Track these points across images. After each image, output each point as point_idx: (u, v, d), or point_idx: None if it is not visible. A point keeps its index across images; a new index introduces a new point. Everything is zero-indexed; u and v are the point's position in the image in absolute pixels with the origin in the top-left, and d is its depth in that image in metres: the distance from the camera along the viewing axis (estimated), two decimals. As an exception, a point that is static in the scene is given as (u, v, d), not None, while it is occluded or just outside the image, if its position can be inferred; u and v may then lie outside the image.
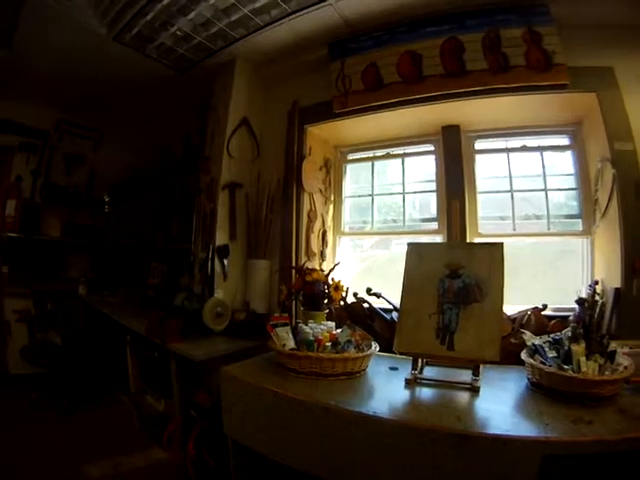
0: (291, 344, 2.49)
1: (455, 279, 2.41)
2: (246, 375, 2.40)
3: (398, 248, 4.13)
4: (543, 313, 2.91)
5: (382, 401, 2.08)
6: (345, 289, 3.24)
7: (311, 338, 2.46)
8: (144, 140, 6.12)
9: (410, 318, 2.43)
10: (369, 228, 4.24)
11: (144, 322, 3.66)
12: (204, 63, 4.21)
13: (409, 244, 2.69)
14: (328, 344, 2.45)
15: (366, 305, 3.32)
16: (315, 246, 3.94)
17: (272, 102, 4.27)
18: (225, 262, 3.83)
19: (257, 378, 2.34)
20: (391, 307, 3.19)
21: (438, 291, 2.42)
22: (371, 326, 3.10)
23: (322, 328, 2.60)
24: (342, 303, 3.28)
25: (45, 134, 5.65)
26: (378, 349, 2.54)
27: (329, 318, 3.05)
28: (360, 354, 2.40)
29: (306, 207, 3.92)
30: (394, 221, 4.15)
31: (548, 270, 3.52)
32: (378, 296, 3.28)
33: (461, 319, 2.30)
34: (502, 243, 2.41)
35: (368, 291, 3.32)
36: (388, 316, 3.19)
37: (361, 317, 3.23)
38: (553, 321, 2.83)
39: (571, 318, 2.65)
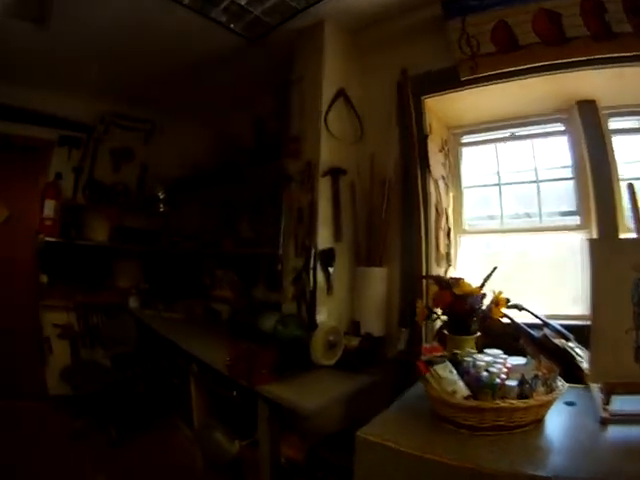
0: (462, 389, 1.81)
1: (651, 284, 1.88)
2: (396, 440, 1.68)
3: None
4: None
5: (593, 457, 1.53)
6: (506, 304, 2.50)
7: (497, 380, 1.80)
8: (204, 130, 5.56)
9: (604, 338, 1.92)
10: (497, 224, 3.44)
11: (213, 346, 3.08)
12: (282, 28, 3.43)
13: (590, 241, 2.28)
14: (511, 383, 1.80)
15: (505, 320, 2.62)
16: (442, 248, 3.13)
17: (372, 72, 3.46)
18: (330, 271, 3.01)
19: (412, 444, 1.66)
20: (540, 322, 2.59)
21: (632, 299, 1.91)
22: (515, 347, 2.42)
23: (499, 361, 1.95)
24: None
25: (89, 127, 5.04)
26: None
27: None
28: (553, 395, 1.79)
29: (434, 198, 3.11)
30: (528, 215, 3.35)
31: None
32: (520, 309, 2.63)
33: (663, 333, 1.82)
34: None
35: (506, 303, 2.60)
36: (537, 333, 2.53)
37: (501, 336, 2.53)
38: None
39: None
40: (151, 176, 5.36)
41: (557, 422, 1.83)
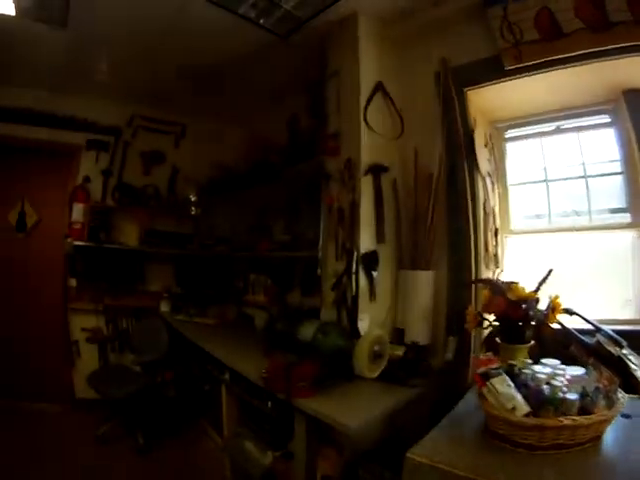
0: (522, 405, 1.64)
1: None
2: (449, 462, 1.53)
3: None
4: None
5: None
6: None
7: (560, 394, 1.63)
8: (236, 131, 5.47)
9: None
10: (545, 224, 3.21)
11: (246, 354, 2.98)
12: (314, 22, 3.27)
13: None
14: (572, 397, 1.63)
15: (556, 326, 2.42)
16: (491, 249, 2.94)
17: (410, 64, 3.28)
18: (373, 275, 2.84)
19: (466, 465, 1.51)
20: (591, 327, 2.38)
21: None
22: (566, 354, 2.25)
23: (559, 373, 1.79)
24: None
25: (116, 130, 5.03)
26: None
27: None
28: (615, 409, 1.64)
29: (481, 196, 2.91)
30: (576, 213, 3.11)
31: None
32: (571, 313, 2.43)
33: None
34: None
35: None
36: (589, 340, 2.33)
37: (552, 343, 2.35)
38: None
39: None
40: (182, 178, 5.28)
41: (614, 437, 1.66)
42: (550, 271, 2.37)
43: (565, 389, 1.65)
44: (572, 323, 2.44)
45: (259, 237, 4.29)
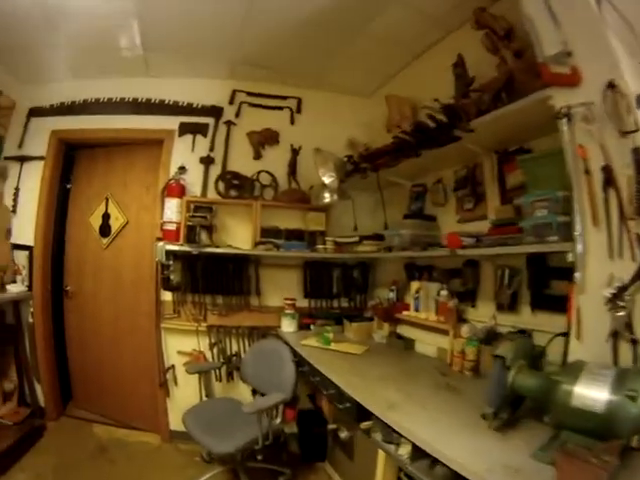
0: None
1: None
2: None
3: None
4: None
5: None
6: None
7: None
8: (366, 101, 4.64)
9: None
10: None
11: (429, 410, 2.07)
12: None
13: None
14: None
15: None
16: None
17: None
18: None
19: None
20: None
21: None
22: None
23: None
24: None
25: (216, 110, 4.39)
26: None
27: None
28: None
29: None
30: None
31: None
32: None
33: None
34: None
35: None
36: None
37: None
38: None
39: None
40: (311, 157, 4.22)
41: None
42: None
43: None
44: None
45: (426, 229, 3.24)
